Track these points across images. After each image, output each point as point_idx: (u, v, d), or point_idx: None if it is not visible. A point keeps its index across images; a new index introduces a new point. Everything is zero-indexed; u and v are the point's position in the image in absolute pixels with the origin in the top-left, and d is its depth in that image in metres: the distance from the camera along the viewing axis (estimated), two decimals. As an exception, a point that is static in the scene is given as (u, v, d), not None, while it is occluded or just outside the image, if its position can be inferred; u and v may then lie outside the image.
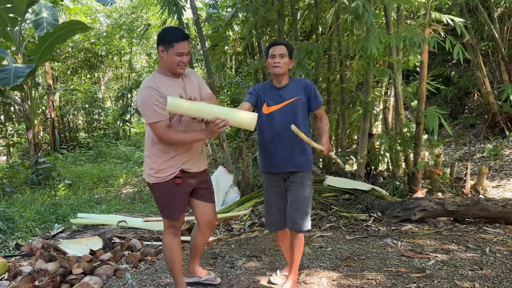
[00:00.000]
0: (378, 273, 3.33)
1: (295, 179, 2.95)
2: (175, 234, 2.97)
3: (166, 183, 2.79)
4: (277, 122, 2.93)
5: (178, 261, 2.98)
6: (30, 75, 8.52)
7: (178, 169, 2.79)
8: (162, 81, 2.73)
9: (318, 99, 2.99)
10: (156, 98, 2.64)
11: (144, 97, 2.67)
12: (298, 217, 2.89)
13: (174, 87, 2.75)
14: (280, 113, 2.93)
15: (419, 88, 5.52)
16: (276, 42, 3.01)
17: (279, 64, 2.89)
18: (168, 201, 2.85)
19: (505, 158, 7.48)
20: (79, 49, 17.06)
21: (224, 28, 7.42)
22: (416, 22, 5.28)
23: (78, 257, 3.75)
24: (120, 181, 9.71)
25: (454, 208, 4.39)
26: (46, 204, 6.79)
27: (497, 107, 8.56)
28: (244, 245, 4.21)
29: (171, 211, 2.89)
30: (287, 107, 2.93)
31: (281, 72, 2.93)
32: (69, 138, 16.96)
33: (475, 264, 3.39)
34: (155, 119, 2.65)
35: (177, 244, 2.97)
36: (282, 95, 2.96)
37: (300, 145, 2.91)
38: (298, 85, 2.98)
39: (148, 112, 2.66)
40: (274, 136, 2.95)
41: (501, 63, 8.64)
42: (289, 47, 2.97)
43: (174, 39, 2.67)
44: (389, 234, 4.26)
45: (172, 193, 2.83)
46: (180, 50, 2.68)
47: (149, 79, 2.75)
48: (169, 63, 2.73)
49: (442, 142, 7.73)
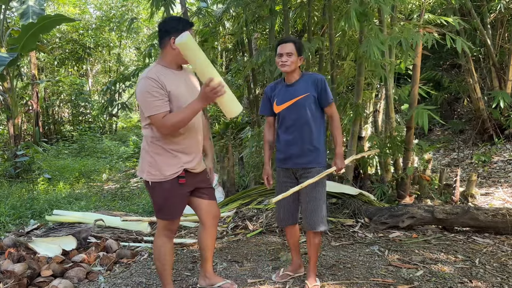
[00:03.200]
0: (364, 282, 3.19)
1: (307, 177, 2.90)
2: (169, 237, 2.81)
3: (168, 182, 2.63)
4: (287, 120, 2.94)
5: (168, 266, 2.83)
6: (12, 64, 8.23)
7: (181, 168, 2.65)
8: (163, 73, 2.58)
9: (327, 95, 2.92)
10: (156, 90, 2.47)
11: (144, 88, 2.49)
12: (313, 217, 2.92)
13: (175, 79, 2.61)
14: (290, 111, 2.93)
15: (411, 92, 5.39)
16: (284, 39, 2.95)
17: (286, 63, 2.86)
18: (168, 201, 2.68)
19: (493, 165, 7.41)
20: (66, 40, 16.70)
21: (214, 24, 7.22)
22: (410, 23, 5.16)
23: (49, 258, 3.54)
24: (103, 177, 9.46)
25: (443, 216, 4.27)
26: (23, 198, 6.53)
27: (486, 114, 8.50)
28: (225, 249, 4.04)
29: (170, 212, 2.72)
30: (297, 104, 2.90)
31: (289, 71, 2.91)
32: (53, 131, 16.60)
33: (465, 276, 3.26)
34: (156, 111, 2.48)
35: (170, 249, 2.81)
36: (292, 92, 2.93)
37: (311, 142, 2.92)
38: (309, 80, 2.93)
39: (148, 104, 2.49)
40: (285, 133, 2.97)
41: (492, 70, 8.58)
42: (297, 44, 2.90)
43: (186, 27, 2.56)
44: (376, 241, 4.12)
45: (174, 193, 2.67)
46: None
47: (149, 70, 2.57)
48: (180, 55, 2.54)
49: (432, 148, 7.65)
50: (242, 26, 6.78)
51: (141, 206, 6.13)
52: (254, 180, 6.02)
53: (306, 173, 2.95)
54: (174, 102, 2.55)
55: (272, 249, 3.99)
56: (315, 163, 2.95)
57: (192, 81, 2.80)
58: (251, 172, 6.20)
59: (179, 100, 2.57)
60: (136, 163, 11.01)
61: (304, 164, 2.95)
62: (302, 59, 2.94)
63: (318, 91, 2.90)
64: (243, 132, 10.01)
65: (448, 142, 9.21)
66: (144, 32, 19.59)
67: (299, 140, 2.92)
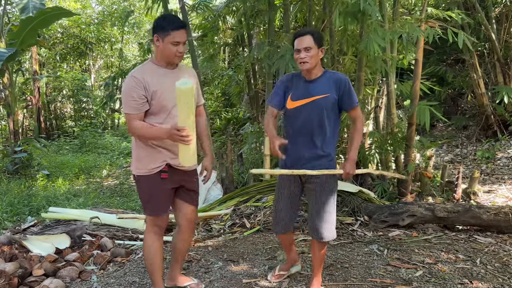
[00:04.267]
0: (362, 283, 3.11)
1: (316, 183, 2.69)
2: (158, 234, 2.77)
3: (151, 176, 2.64)
4: (300, 119, 2.66)
5: (158, 265, 2.77)
6: (10, 60, 8.18)
7: (164, 163, 2.63)
8: (152, 71, 2.58)
9: (351, 98, 2.65)
10: (136, 90, 2.50)
11: (126, 86, 2.55)
12: (319, 226, 2.69)
13: (166, 78, 2.58)
14: (305, 110, 2.64)
15: (413, 87, 5.29)
16: (300, 32, 2.64)
17: (305, 59, 2.57)
18: (152, 195, 2.68)
19: (497, 162, 7.31)
20: (68, 35, 16.64)
21: (214, 18, 7.13)
22: (412, 18, 5.05)
23: (41, 257, 3.49)
24: (103, 173, 9.42)
25: (444, 214, 4.18)
26: (21, 195, 6.49)
27: (490, 109, 8.39)
28: (222, 248, 3.97)
29: (154, 207, 2.71)
30: (313, 104, 2.63)
31: (310, 68, 2.62)
32: (55, 126, 16.58)
33: (465, 276, 3.18)
34: (130, 110, 2.54)
35: (159, 247, 2.77)
36: (310, 90, 2.65)
37: (324, 147, 2.67)
38: (330, 80, 2.65)
39: (126, 102, 2.55)
40: (295, 132, 2.71)
41: (496, 65, 8.46)
42: (316, 34, 2.61)
43: (170, 26, 2.50)
44: (376, 240, 4.04)
45: (157, 188, 2.67)
46: (176, 39, 2.51)
47: (138, 67, 2.62)
48: (164, 52, 2.56)
49: (434, 144, 7.55)
50: (242, 20, 6.69)
51: (138, 203, 6.08)
52: (253, 177, 5.95)
53: (314, 178, 2.69)
54: (156, 100, 2.55)
55: (269, 248, 3.92)
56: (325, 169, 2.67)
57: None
58: (250, 169, 6.12)
59: (162, 98, 2.56)
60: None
61: (312, 169, 2.66)
62: (323, 50, 2.65)
63: (340, 94, 2.62)
64: (244, 128, 9.93)
65: (451, 138, 9.11)
66: (146, 27, 19.51)
67: (311, 143, 2.67)
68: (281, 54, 4.97)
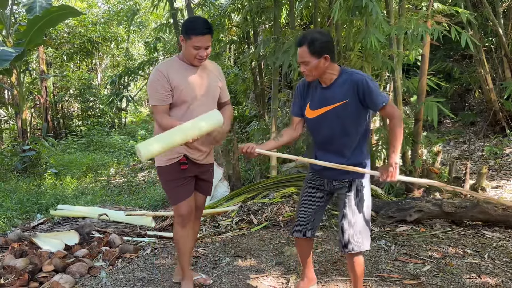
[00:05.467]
0: (369, 278, 3.12)
1: (347, 188, 2.47)
2: (181, 224, 2.88)
3: (170, 166, 2.77)
4: (322, 129, 2.48)
5: (183, 252, 2.92)
6: (18, 59, 8.23)
7: (181, 155, 2.75)
8: (177, 66, 2.70)
9: (374, 99, 2.32)
10: (161, 84, 2.63)
11: (151, 79, 2.67)
12: (349, 235, 2.43)
13: (185, 73, 2.70)
14: (325, 119, 2.44)
15: (419, 83, 5.27)
16: (298, 41, 2.40)
17: (305, 72, 2.39)
18: (172, 184, 2.82)
19: (505, 158, 7.25)
20: (74, 34, 16.72)
21: (219, 16, 7.14)
22: (419, 13, 5.03)
23: (51, 253, 3.52)
24: (111, 171, 9.47)
25: (451, 209, 4.17)
26: (30, 193, 6.54)
27: (498, 105, 8.32)
28: (229, 244, 3.99)
29: (175, 196, 2.83)
30: (333, 112, 2.40)
31: (314, 79, 2.45)
32: (62, 125, 16.68)
33: (473, 271, 3.18)
34: (155, 102, 2.66)
35: (184, 236, 2.90)
36: (327, 98, 2.42)
37: (351, 155, 2.45)
38: (346, 83, 2.37)
39: (151, 94, 2.68)
40: (321, 142, 2.54)
41: (504, 60, 8.38)
42: (313, 45, 2.31)
43: (192, 32, 2.57)
44: (383, 235, 4.04)
45: (175, 177, 2.80)
46: (197, 43, 2.58)
47: (164, 62, 2.75)
48: (186, 53, 2.67)
49: (441, 140, 7.52)
50: (248, 17, 6.69)
51: (146, 200, 6.11)
52: (260, 174, 5.96)
53: (346, 184, 2.48)
54: (177, 94, 2.67)
55: (277, 243, 3.93)
56: (355, 177, 2.47)
57: (206, 78, 2.78)
58: (256, 166, 6.14)
59: (183, 93, 2.68)
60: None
61: (343, 176, 2.48)
62: (328, 58, 2.34)
63: (361, 96, 2.34)
64: (250, 125, 9.94)
65: (458, 134, 9.04)
66: (152, 26, 19.55)
67: (339, 154, 2.46)
68: (285, 49, 4.96)
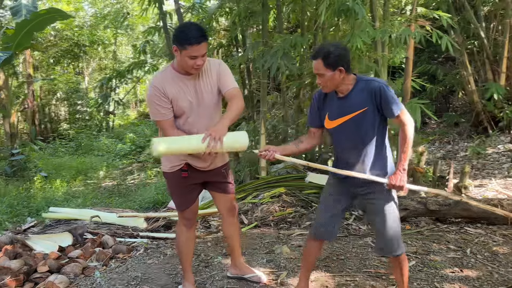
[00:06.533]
0: (357, 274, 3.24)
1: (376, 193, 2.48)
2: (187, 226, 2.95)
3: (173, 173, 2.80)
4: (343, 138, 2.49)
5: (186, 254, 2.96)
6: (6, 63, 8.23)
7: (183, 162, 2.75)
8: (172, 78, 2.63)
9: (389, 107, 2.33)
10: (159, 99, 2.59)
11: (149, 96, 2.65)
12: (393, 239, 2.48)
13: (180, 85, 2.63)
14: (345, 129, 2.45)
15: (403, 85, 5.42)
16: (312, 55, 2.44)
17: (321, 84, 2.43)
18: (175, 191, 2.89)
19: (487, 157, 7.46)
20: (61, 37, 16.65)
21: (208, 19, 7.22)
22: (403, 17, 5.18)
23: (45, 254, 3.57)
24: (100, 174, 9.48)
25: (436, 207, 4.31)
26: (19, 197, 6.55)
27: (481, 106, 8.54)
28: (221, 243, 4.07)
29: (177, 201, 2.92)
30: (352, 122, 2.41)
31: (330, 91, 2.47)
32: (50, 129, 16.59)
33: (456, 265, 3.31)
34: (157, 118, 2.66)
35: (188, 238, 2.96)
36: (345, 107, 2.43)
37: (375, 166, 2.46)
38: (364, 91, 2.38)
39: (151, 110, 2.68)
40: (342, 151, 2.55)
41: (486, 62, 8.61)
42: (328, 58, 2.34)
43: (187, 42, 2.43)
44: (370, 233, 4.16)
45: (178, 184, 2.83)
46: (193, 53, 2.46)
47: (158, 75, 2.71)
48: (182, 63, 2.56)
49: (426, 140, 7.69)
50: (236, 21, 6.78)
51: (137, 202, 6.16)
52: (250, 175, 6.05)
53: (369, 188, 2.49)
54: (175, 106, 2.65)
55: (267, 242, 4.03)
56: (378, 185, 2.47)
57: (207, 85, 2.68)
58: (246, 167, 6.23)
59: (179, 105, 2.64)
60: (132, 161, 11.04)
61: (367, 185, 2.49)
62: (342, 70, 2.36)
63: (378, 104, 2.36)
64: (239, 127, 10.02)
65: (443, 135, 9.25)
66: (139, 29, 19.55)
67: (361, 163, 2.46)
68: (273, 52, 5.05)
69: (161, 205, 5.85)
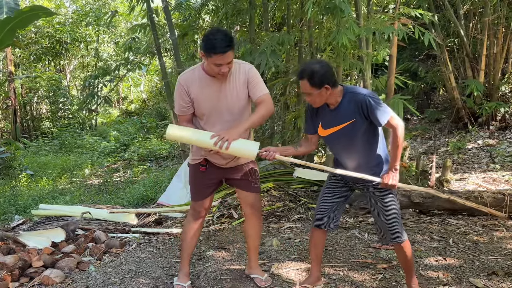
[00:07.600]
0: (345, 264, 3.36)
1: (375, 186, 2.62)
2: (194, 217, 3.03)
3: (193, 166, 2.95)
4: (337, 145, 2.69)
5: (187, 243, 3.04)
6: (-11, 61, 8.12)
7: (202, 158, 2.86)
8: (198, 78, 2.71)
9: (377, 117, 2.46)
10: (182, 96, 2.72)
11: (176, 89, 2.77)
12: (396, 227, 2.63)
13: (204, 85, 2.70)
14: (337, 138, 2.63)
15: (387, 82, 5.57)
16: (298, 75, 2.55)
17: (311, 101, 2.58)
18: (193, 182, 3.01)
19: (468, 152, 7.69)
20: (42, 35, 16.43)
21: (194, 17, 7.27)
22: (386, 15, 5.32)
23: (39, 250, 3.60)
24: (86, 172, 9.45)
25: (419, 200, 4.47)
26: (6, 195, 6.52)
27: (461, 103, 8.78)
28: (212, 237, 4.16)
29: (193, 193, 3.01)
30: (344, 131, 2.56)
31: (319, 106, 2.61)
32: (32, 127, 16.38)
33: (439, 254, 3.46)
34: (178, 112, 2.82)
35: (192, 228, 3.03)
36: (336, 118, 2.57)
37: (370, 167, 2.61)
38: (351, 103, 2.51)
39: (175, 103, 2.81)
40: (338, 155, 2.74)
41: (465, 60, 8.85)
42: (312, 79, 2.45)
43: (212, 50, 2.49)
44: (357, 225, 4.30)
45: (196, 177, 2.96)
46: (218, 61, 2.51)
47: (186, 72, 2.78)
48: (208, 68, 2.63)
49: (408, 136, 7.88)
50: (222, 19, 6.84)
51: (125, 199, 6.19)
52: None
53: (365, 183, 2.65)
54: (196, 106, 2.75)
55: (257, 235, 4.12)
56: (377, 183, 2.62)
57: (227, 92, 2.70)
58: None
59: (200, 106, 2.74)
60: (117, 158, 11.01)
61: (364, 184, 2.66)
62: (328, 88, 2.47)
63: (366, 115, 2.49)
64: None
65: (425, 131, 9.48)
66: (122, 26, 19.39)
67: (357, 165, 2.64)
68: (262, 49, 5.15)
69: (151, 201, 5.90)
